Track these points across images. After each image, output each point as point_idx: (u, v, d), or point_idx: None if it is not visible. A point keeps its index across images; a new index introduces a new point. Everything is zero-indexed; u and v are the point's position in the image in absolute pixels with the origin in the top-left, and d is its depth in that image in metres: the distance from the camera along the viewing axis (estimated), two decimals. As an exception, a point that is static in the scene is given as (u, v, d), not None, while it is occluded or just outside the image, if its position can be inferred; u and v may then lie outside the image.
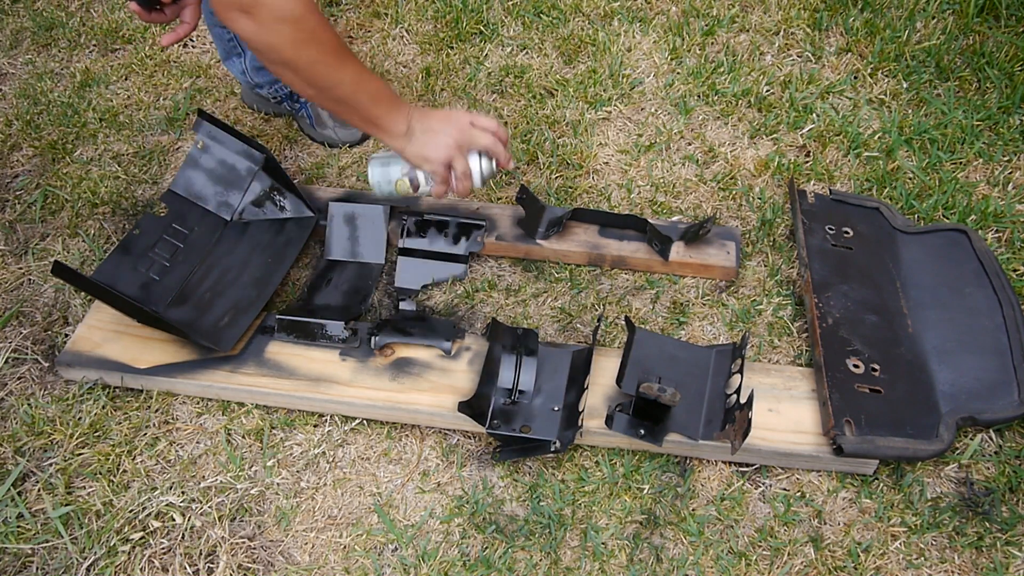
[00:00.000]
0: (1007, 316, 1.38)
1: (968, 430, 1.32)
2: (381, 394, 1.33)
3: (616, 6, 2.14)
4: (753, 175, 1.73)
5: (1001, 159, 1.72)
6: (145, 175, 1.80)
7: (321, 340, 1.40)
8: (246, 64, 1.74)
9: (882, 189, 1.67)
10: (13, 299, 1.56)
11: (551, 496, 1.26)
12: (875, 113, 1.84)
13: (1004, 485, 1.25)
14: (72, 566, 1.20)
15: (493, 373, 1.34)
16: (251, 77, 1.76)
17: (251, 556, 1.22)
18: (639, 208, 1.67)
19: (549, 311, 1.50)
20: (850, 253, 1.49)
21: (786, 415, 1.29)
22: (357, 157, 1.81)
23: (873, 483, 1.26)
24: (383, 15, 2.16)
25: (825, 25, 2.05)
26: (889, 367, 1.32)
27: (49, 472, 1.30)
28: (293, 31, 1.14)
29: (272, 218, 1.59)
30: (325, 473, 1.31)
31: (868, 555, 1.19)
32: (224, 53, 1.75)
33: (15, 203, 1.75)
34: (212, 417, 1.37)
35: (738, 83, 1.90)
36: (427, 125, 1.31)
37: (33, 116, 1.95)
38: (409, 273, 1.55)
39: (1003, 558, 1.18)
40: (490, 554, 1.20)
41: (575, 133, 1.82)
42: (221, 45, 1.73)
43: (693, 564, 1.19)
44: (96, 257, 1.62)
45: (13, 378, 1.43)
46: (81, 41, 2.16)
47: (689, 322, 1.48)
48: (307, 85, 1.22)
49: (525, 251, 1.57)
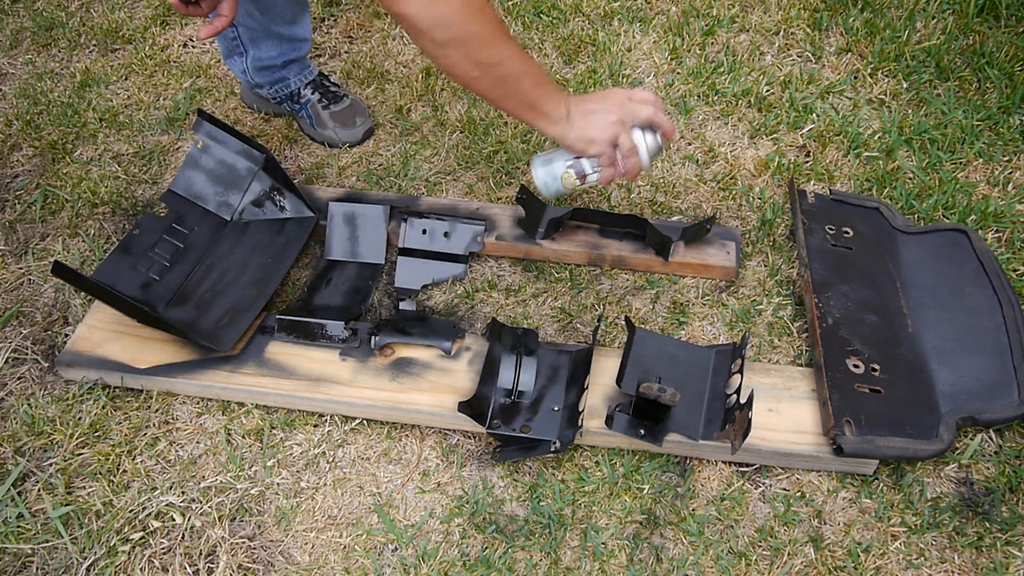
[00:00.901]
0: (1007, 316, 1.38)
1: (968, 430, 1.32)
2: (381, 394, 1.33)
3: (616, 6, 2.14)
4: (753, 175, 1.73)
5: (1001, 159, 1.72)
6: (145, 175, 1.80)
7: (321, 340, 1.40)
8: (247, 63, 1.74)
9: (882, 189, 1.67)
10: (13, 299, 1.56)
11: (551, 496, 1.26)
12: (875, 113, 1.85)
13: (1004, 485, 1.25)
14: (72, 566, 1.20)
15: (493, 373, 1.34)
16: (252, 77, 1.76)
17: (251, 556, 1.22)
18: (639, 208, 1.67)
19: (549, 311, 1.50)
20: (850, 253, 1.49)
21: (786, 415, 1.29)
22: (357, 157, 1.81)
23: (873, 483, 1.26)
24: (383, 15, 2.16)
25: (825, 25, 2.05)
26: (889, 367, 1.32)
27: (49, 472, 1.30)
28: (462, 3, 1.15)
29: (272, 218, 1.59)
30: (325, 473, 1.31)
31: (868, 555, 1.19)
32: (226, 52, 1.75)
33: (15, 203, 1.75)
34: (212, 417, 1.37)
35: (738, 83, 1.90)
36: (585, 108, 1.29)
37: (33, 116, 1.95)
38: (409, 273, 1.55)
39: (1003, 558, 1.18)
40: (490, 554, 1.20)
41: (575, 133, 1.82)
42: (224, 43, 1.73)
43: (693, 564, 1.19)
44: (96, 257, 1.62)
45: (13, 378, 1.43)
46: (81, 41, 2.16)
47: (689, 322, 1.48)
48: (473, 64, 1.20)
49: (525, 251, 1.57)
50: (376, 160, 1.81)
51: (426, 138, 1.85)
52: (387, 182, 1.75)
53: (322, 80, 1.83)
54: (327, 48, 2.10)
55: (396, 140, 1.85)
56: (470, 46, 1.19)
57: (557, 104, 1.28)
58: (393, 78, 1.99)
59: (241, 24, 1.66)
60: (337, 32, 2.14)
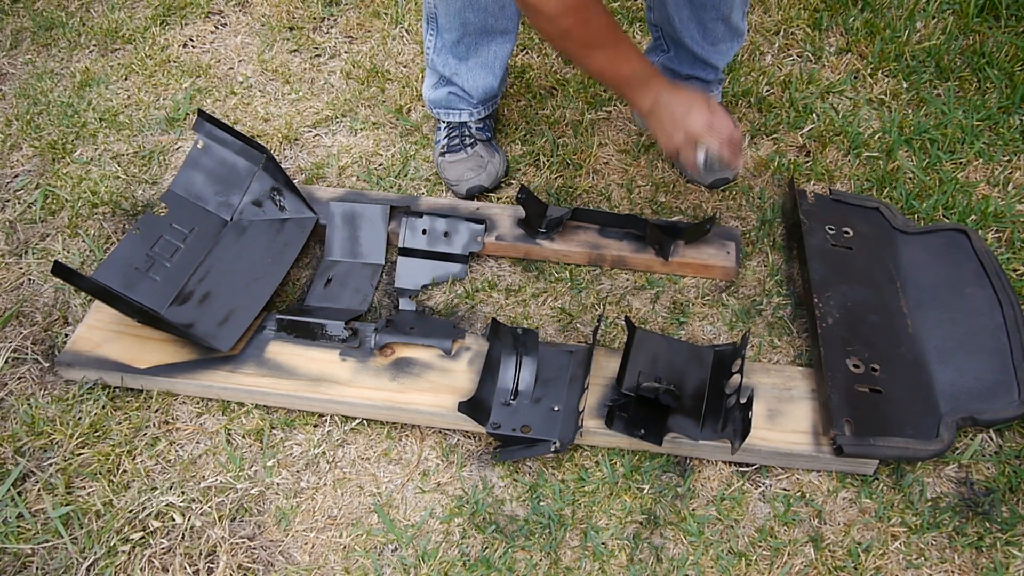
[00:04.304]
0: (1007, 316, 1.38)
1: (968, 430, 1.32)
2: (381, 394, 1.33)
3: (616, 6, 2.14)
4: (753, 175, 1.73)
5: (1001, 159, 1.72)
6: (145, 175, 1.80)
7: (321, 340, 1.40)
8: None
9: (882, 189, 1.67)
10: (13, 299, 1.56)
11: (551, 496, 1.26)
12: (875, 113, 1.84)
13: (1004, 485, 1.25)
14: (72, 566, 1.20)
15: (493, 373, 1.34)
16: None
17: (251, 556, 1.22)
18: (639, 208, 1.67)
19: (549, 311, 1.50)
20: (850, 253, 1.49)
21: (786, 415, 1.29)
22: (357, 157, 1.81)
23: (873, 483, 1.26)
24: (383, 15, 2.16)
25: (825, 25, 2.05)
26: (889, 367, 1.32)
27: (49, 472, 1.30)
28: (549, 28, 1.29)
29: (272, 218, 1.59)
30: (325, 473, 1.31)
31: (868, 555, 1.19)
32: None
33: (15, 203, 1.75)
34: (212, 417, 1.37)
35: (738, 83, 1.90)
36: (671, 109, 1.37)
37: (33, 116, 1.95)
38: (409, 273, 1.55)
39: (1003, 558, 1.18)
40: (490, 554, 1.20)
41: (575, 133, 1.82)
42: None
43: (693, 564, 1.19)
44: (96, 257, 1.62)
45: (13, 378, 1.43)
46: (81, 41, 2.16)
47: (689, 322, 1.48)
48: (574, 57, 1.38)
49: (525, 251, 1.57)
50: (376, 160, 1.81)
51: (426, 138, 1.84)
52: (387, 182, 1.75)
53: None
54: (327, 48, 2.10)
55: (396, 140, 1.85)
56: (568, 43, 1.32)
57: (643, 96, 1.38)
58: (393, 78, 1.99)
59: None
60: (337, 32, 2.14)
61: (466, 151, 1.69)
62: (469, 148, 1.69)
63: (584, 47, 1.33)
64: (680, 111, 1.36)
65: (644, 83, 1.37)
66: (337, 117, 1.91)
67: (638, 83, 1.37)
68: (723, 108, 1.41)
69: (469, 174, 1.67)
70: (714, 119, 1.36)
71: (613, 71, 1.36)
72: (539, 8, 1.25)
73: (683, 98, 1.38)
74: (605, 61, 1.35)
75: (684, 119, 1.36)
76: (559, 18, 1.26)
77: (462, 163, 1.68)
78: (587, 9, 1.27)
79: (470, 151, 1.69)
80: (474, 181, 1.66)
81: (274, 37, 2.12)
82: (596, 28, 1.30)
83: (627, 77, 1.37)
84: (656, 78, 1.38)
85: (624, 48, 1.34)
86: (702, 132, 1.35)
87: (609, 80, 1.40)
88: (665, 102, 1.37)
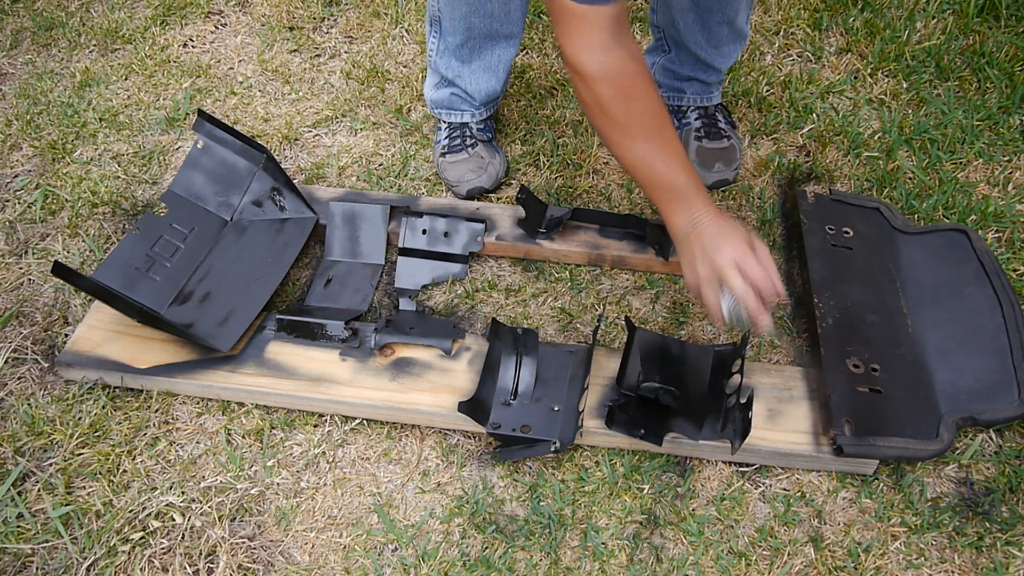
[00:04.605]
0: (1007, 316, 1.38)
1: (968, 430, 1.32)
2: (381, 394, 1.33)
3: (616, 6, 2.14)
4: (753, 175, 1.73)
5: (1001, 159, 1.72)
6: (145, 175, 1.80)
7: (321, 340, 1.40)
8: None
9: (882, 189, 1.67)
10: (13, 299, 1.56)
11: (551, 496, 1.26)
12: (875, 113, 1.84)
13: (1004, 485, 1.25)
14: (72, 566, 1.20)
15: (493, 373, 1.34)
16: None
17: (251, 556, 1.22)
18: (639, 208, 1.67)
19: (549, 311, 1.50)
20: (850, 253, 1.49)
21: (786, 415, 1.29)
22: (357, 157, 1.81)
23: (873, 483, 1.26)
24: (383, 15, 2.16)
25: (825, 25, 2.05)
26: (889, 367, 1.32)
27: (49, 472, 1.30)
28: (590, 100, 1.18)
29: (272, 218, 1.59)
30: (325, 473, 1.31)
31: (868, 555, 1.19)
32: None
33: (15, 203, 1.75)
34: (212, 417, 1.37)
35: (738, 83, 1.90)
36: (706, 240, 1.17)
37: (33, 116, 1.95)
38: (409, 273, 1.55)
39: (1003, 558, 1.18)
40: (490, 554, 1.20)
41: (575, 133, 1.82)
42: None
43: (693, 564, 1.19)
44: (96, 257, 1.62)
45: (13, 378, 1.43)
46: (81, 41, 2.16)
47: (689, 322, 1.48)
48: (601, 137, 1.24)
49: (525, 251, 1.57)
50: (376, 160, 1.81)
51: (426, 138, 1.84)
52: (387, 182, 1.75)
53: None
54: (327, 48, 2.10)
55: (396, 140, 1.85)
56: (605, 121, 1.19)
57: (678, 214, 1.20)
58: (393, 78, 1.99)
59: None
60: (337, 32, 2.14)
61: (467, 152, 1.69)
62: (470, 149, 1.69)
63: (622, 130, 1.17)
64: (714, 243, 1.16)
65: (684, 198, 1.18)
66: (337, 117, 1.91)
67: (676, 196, 1.19)
68: (766, 250, 1.18)
69: (470, 175, 1.67)
70: (748, 258, 1.15)
71: (650, 170, 1.18)
72: (579, 68, 1.13)
73: (723, 227, 1.18)
74: (644, 154, 1.17)
75: (716, 251, 1.16)
76: (598, 83, 1.13)
77: (463, 164, 1.68)
78: (633, 84, 1.13)
79: (471, 152, 1.69)
80: (475, 183, 1.66)
81: (274, 37, 2.12)
82: (640, 110, 1.16)
83: (666, 184, 1.18)
84: (700, 196, 1.18)
85: (670, 147, 1.17)
86: (728, 270, 1.15)
87: (644, 181, 1.20)
88: (703, 228, 1.17)
